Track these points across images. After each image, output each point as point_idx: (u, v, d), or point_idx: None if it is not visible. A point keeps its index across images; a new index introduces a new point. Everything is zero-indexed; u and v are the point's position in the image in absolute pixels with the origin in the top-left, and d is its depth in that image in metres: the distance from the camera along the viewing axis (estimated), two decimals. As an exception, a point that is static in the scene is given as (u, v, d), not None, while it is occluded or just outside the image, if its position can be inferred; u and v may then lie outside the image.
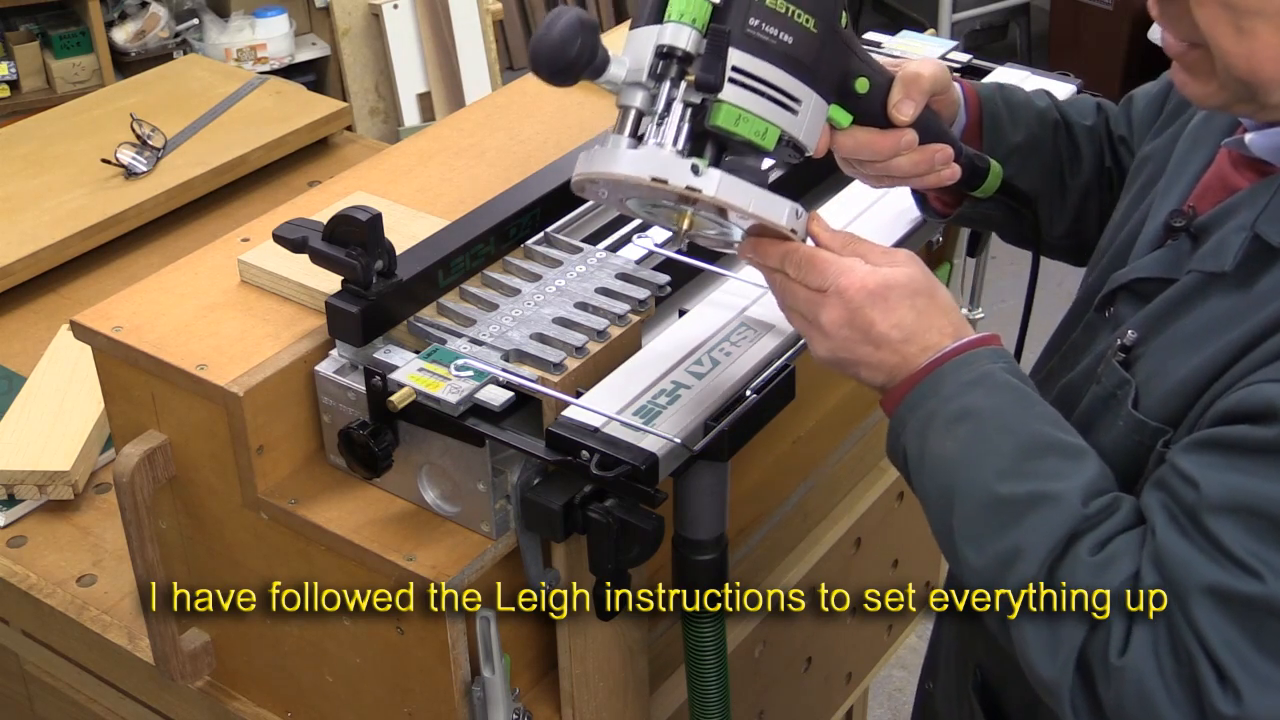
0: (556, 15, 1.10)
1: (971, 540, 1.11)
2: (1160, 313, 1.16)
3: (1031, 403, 1.15)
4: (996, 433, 1.12)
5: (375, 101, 4.44)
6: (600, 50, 1.09)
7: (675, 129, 1.11)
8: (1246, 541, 1.01)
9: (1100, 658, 1.06)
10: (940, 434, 1.14)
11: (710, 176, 1.10)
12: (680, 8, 1.10)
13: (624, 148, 1.11)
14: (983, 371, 1.14)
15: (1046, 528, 1.08)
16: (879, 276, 1.15)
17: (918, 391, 1.15)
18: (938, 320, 1.16)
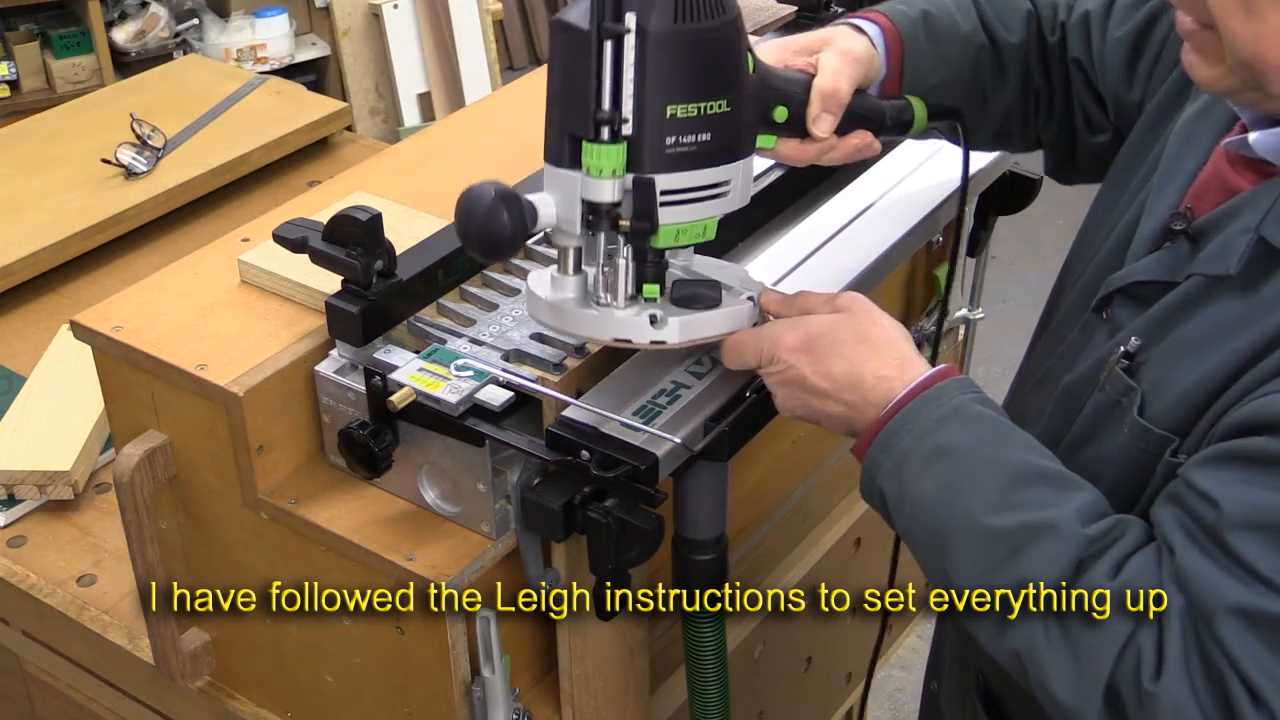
0: (475, 199, 1.12)
1: (972, 580, 1.09)
2: (1163, 318, 1.15)
3: (1008, 432, 1.13)
4: (977, 467, 1.11)
5: (375, 101, 4.44)
6: (528, 215, 1.12)
7: (622, 280, 1.17)
8: (1273, 560, 0.99)
9: (1132, 684, 1.03)
10: (917, 474, 1.12)
11: (671, 327, 1.18)
12: (598, 163, 1.11)
13: (572, 290, 1.18)
14: (954, 405, 1.13)
15: (1051, 556, 1.06)
16: (800, 331, 1.18)
17: (887, 432, 1.14)
18: (872, 363, 1.16)
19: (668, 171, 1.13)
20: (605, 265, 1.17)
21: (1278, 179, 1.10)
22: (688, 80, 1.10)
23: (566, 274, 1.19)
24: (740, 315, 1.22)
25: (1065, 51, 1.41)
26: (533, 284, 1.22)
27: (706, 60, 1.12)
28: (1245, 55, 1.04)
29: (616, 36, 1.08)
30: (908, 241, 1.55)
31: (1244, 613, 0.99)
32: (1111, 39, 1.36)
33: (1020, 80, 1.42)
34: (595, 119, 1.10)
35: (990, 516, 1.08)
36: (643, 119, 1.11)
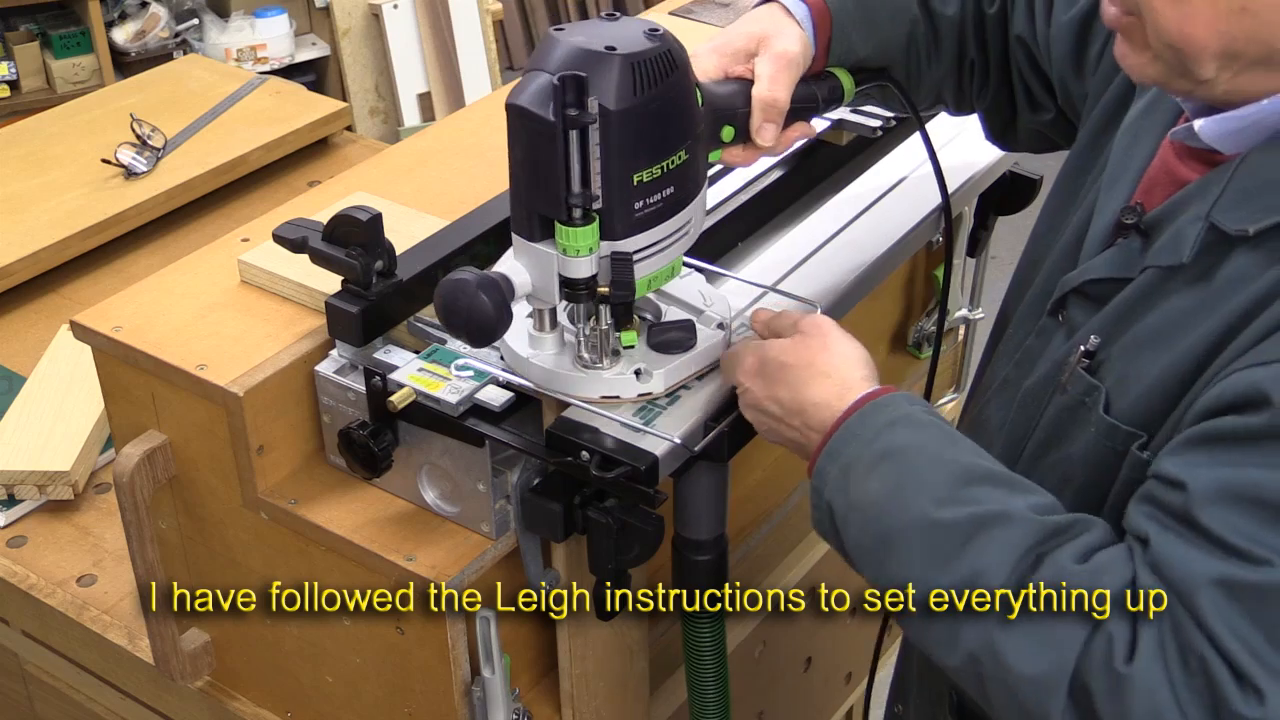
0: (456, 290, 1.14)
1: (923, 579, 1.06)
2: (1119, 313, 1.13)
3: (957, 438, 1.12)
4: (925, 467, 1.09)
5: (375, 101, 4.44)
6: (508, 294, 1.15)
7: (603, 344, 1.21)
8: (1248, 529, 0.97)
9: (1102, 669, 1.00)
10: (863, 477, 1.11)
11: (656, 379, 1.22)
12: (574, 244, 1.13)
13: (552, 348, 1.23)
14: (901, 413, 1.13)
15: (1003, 543, 1.04)
16: (756, 356, 1.21)
17: (833, 444, 1.13)
18: (813, 389, 1.17)
19: (637, 233, 1.16)
20: (586, 328, 1.20)
21: (1224, 166, 1.08)
22: (651, 146, 1.12)
23: (544, 332, 1.22)
24: (715, 348, 1.26)
25: (1006, 26, 1.39)
26: (511, 342, 1.24)
27: (666, 121, 1.13)
28: (1172, 38, 1.03)
29: (581, 126, 1.09)
30: (906, 242, 1.55)
31: (1222, 584, 0.97)
32: (1058, 22, 1.34)
33: (955, 51, 1.41)
34: (567, 203, 1.12)
35: (939, 511, 1.06)
36: (611, 192, 1.12)
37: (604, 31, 1.13)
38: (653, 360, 1.22)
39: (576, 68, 1.09)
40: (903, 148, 1.69)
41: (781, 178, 1.60)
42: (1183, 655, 0.98)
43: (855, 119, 1.64)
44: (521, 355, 1.23)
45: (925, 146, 1.40)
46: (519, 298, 1.17)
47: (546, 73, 1.10)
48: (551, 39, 1.13)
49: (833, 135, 1.66)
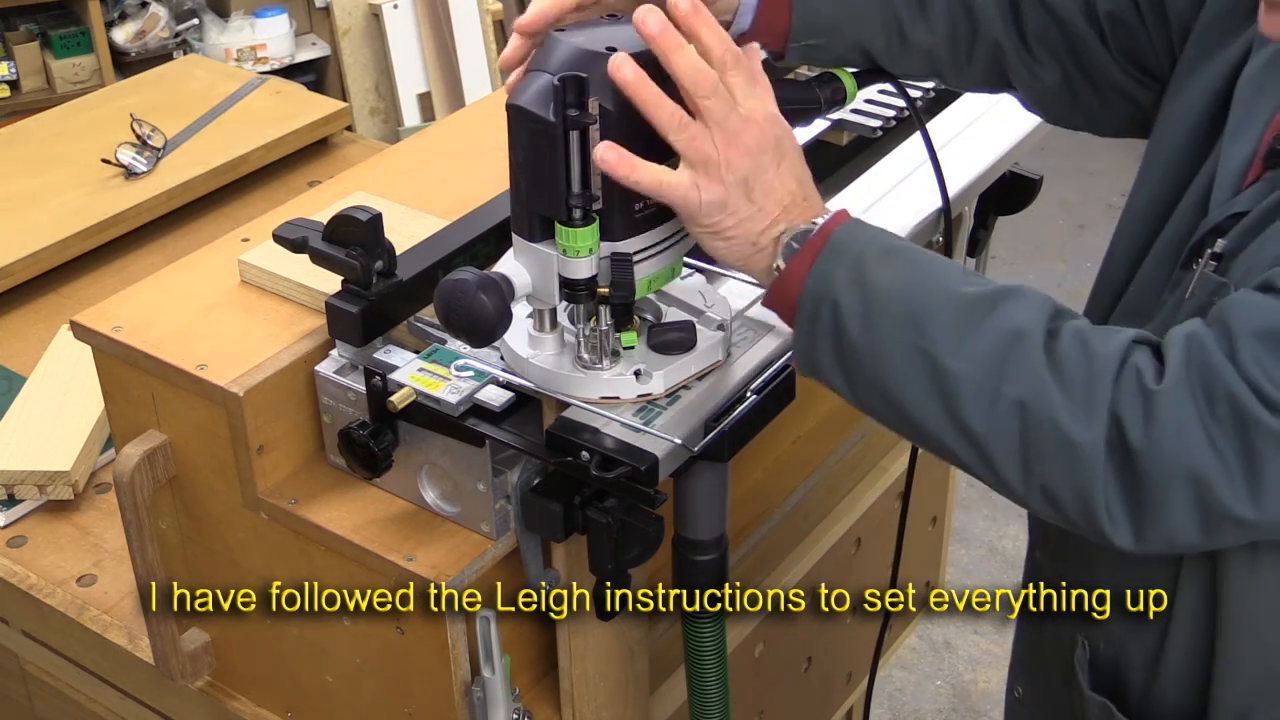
0: (456, 290, 1.14)
1: (959, 346, 1.06)
2: (1252, 224, 1.13)
3: None
4: (933, 259, 1.11)
5: (375, 101, 4.44)
6: (508, 294, 1.15)
7: (603, 344, 1.20)
8: None
9: (1134, 394, 1.01)
10: (879, 268, 1.09)
11: (656, 380, 1.21)
12: (574, 244, 1.13)
13: (551, 348, 1.22)
14: (882, 228, 1.14)
15: (1032, 306, 1.06)
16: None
17: (835, 241, 1.11)
18: (786, 183, 1.15)
19: (638, 234, 1.15)
20: (586, 329, 1.20)
21: None
22: (652, 147, 1.11)
23: (544, 332, 1.22)
24: (715, 348, 1.25)
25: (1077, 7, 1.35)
26: (511, 342, 1.24)
27: None
28: None
29: (582, 127, 1.09)
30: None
31: (1267, 335, 1.00)
32: None
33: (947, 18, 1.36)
34: (567, 203, 1.12)
35: (962, 286, 1.08)
36: (612, 193, 1.12)
37: (604, 32, 1.13)
38: (653, 361, 1.22)
39: (577, 68, 1.09)
40: (903, 148, 1.69)
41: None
42: (1207, 390, 1.00)
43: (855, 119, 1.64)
44: (521, 355, 1.23)
45: (925, 146, 1.40)
46: (519, 298, 1.17)
47: (547, 73, 1.10)
48: (552, 39, 1.13)
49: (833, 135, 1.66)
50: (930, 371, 1.06)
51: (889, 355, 1.08)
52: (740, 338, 1.31)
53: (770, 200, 1.12)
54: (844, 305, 1.09)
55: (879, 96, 1.68)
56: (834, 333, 1.10)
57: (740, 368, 1.27)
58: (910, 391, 1.08)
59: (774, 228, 1.13)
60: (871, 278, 1.09)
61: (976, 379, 1.05)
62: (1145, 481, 1.03)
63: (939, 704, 2.94)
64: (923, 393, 1.07)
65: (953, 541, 2.26)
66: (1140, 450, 1.02)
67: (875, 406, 1.12)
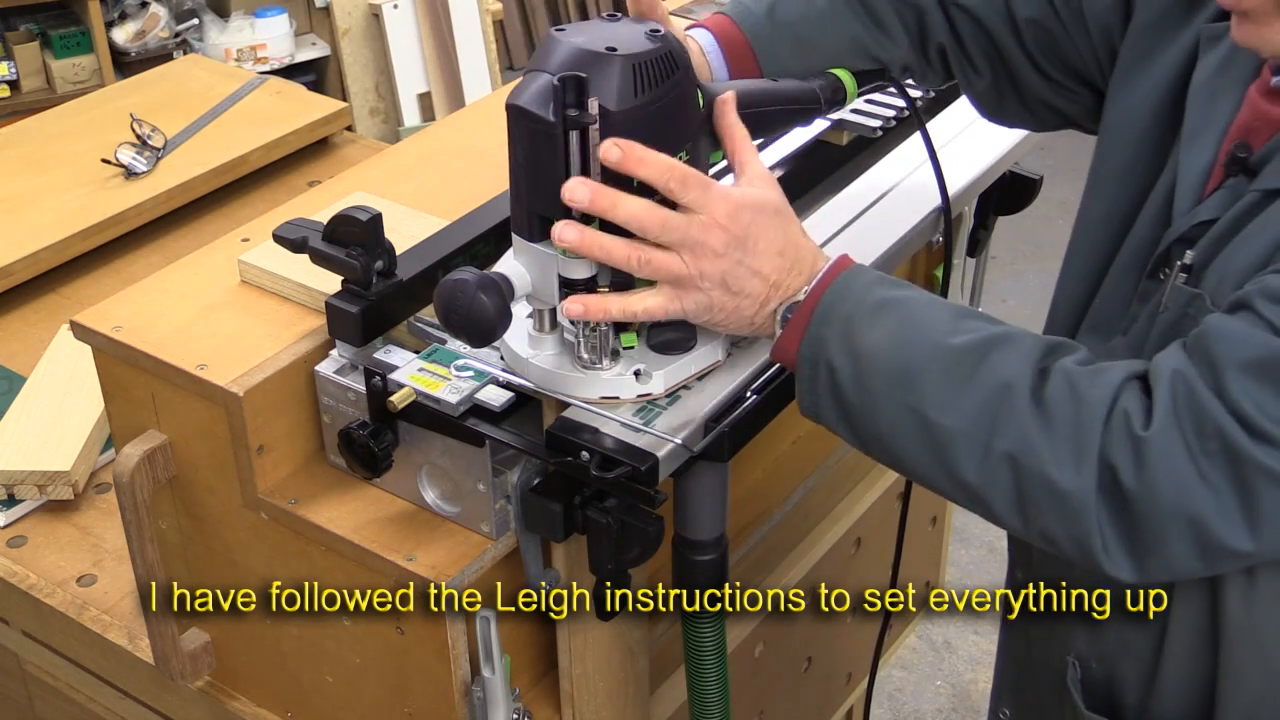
0: (456, 290, 1.14)
1: (949, 402, 1.07)
2: (1221, 233, 1.15)
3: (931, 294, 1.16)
4: (923, 309, 1.12)
5: (375, 101, 4.44)
6: (507, 294, 1.15)
7: (603, 343, 1.20)
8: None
9: (1123, 441, 1.03)
10: (867, 327, 1.11)
11: (655, 380, 1.21)
12: None
13: (551, 348, 1.22)
14: (875, 275, 1.15)
15: (1018, 355, 1.07)
16: (750, 196, 1.15)
17: (823, 307, 1.13)
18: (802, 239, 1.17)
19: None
20: (585, 329, 1.19)
21: None
22: (652, 147, 1.11)
23: (544, 332, 1.22)
24: (715, 348, 1.25)
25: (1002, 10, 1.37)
26: (511, 342, 1.23)
27: (666, 122, 1.13)
28: None
29: (582, 127, 1.09)
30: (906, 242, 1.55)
31: (1252, 365, 1.01)
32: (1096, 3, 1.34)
33: (915, 34, 1.40)
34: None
35: (953, 337, 1.09)
36: None
37: (605, 32, 1.13)
38: (652, 361, 1.22)
39: (577, 68, 1.09)
40: (903, 148, 1.69)
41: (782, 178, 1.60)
42: (1198, 426, 1.01)
43: (855, 119, 1.64)
44: (521, 355, 1.23)
45: (925, 146, 1.40)
46: (519, 298, 1.17)
47: (547, 73, 1.10)
48: (552, 39, 1.13)
49: (833, 135, 1.66)
50: (922, 429, 1.09)
51: (883, 414, 1.11)
52: (740, 338, 1.31)
53: (754, 284, 1.15)
54: (838, 368, 1.12)
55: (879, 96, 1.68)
56: (832, 392, 1.13)
57: (740, 368, 1.27)
58: (905, 447, 1.11)
59: (767, 306, 1.16)
60: (860, 339, 1.11)
61: (967, 434, 1.07)
62: (1142, 523, 1.04)
63: (939, 704, 2.93)
64: (917, 449, 1.10)
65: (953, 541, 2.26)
66: (1134, 495, 1.03)
67: (878, 456, 1.15)
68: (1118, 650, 1.30)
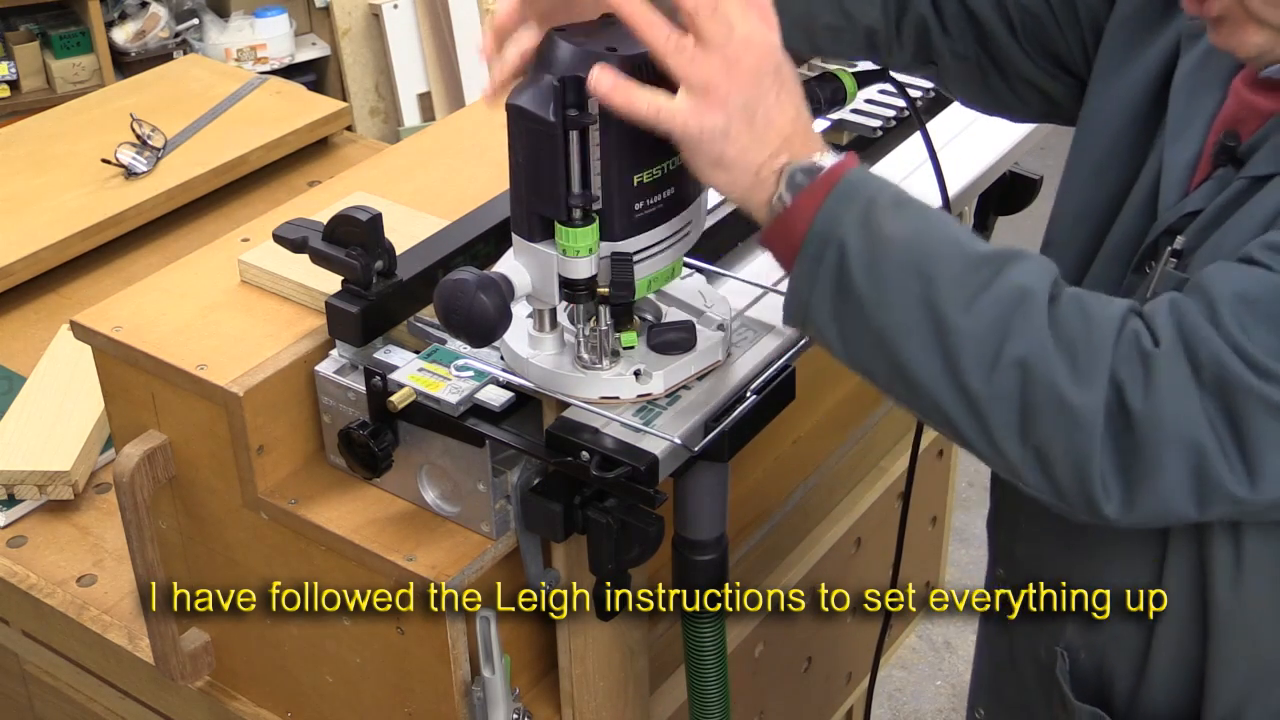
0: (456, 291, 1.13)
1: (967, 300, 1.03)
2: (1209, 220, 1.14)
3: None
4: (944, 216, 1.09)
5: (375, 101, 4.44)
6: (507, 294, 1.14)
7: (603, 344, 1.20)
8: None
9: (1133, 357, 1.01)
10: (889, 215, 1.06)
11: (656, 380, 1.21)
12: (574, 244, 1.13)
13: (551, 348, 1.22)
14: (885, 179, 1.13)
15: (1038, 268, 1.05)
16: None
17: (846, 184, 1.07)
18: (794, 116, 1.11)
19: (637, 234, 1.15)
20: (586, 329, 1.19)
21: None
22: (651, 147, 1.11)
23: (544, 332, 1.22)
24: (715, 348, 1.25)
25: None
26: (511, 342, 1.23)
27: None
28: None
29: (582, 127, 1.09)
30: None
31: (1244, 297, 1.00)
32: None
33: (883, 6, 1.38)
34: (567, 203, 1.12)
35: (971, 244, 1.06)
36: (612, 194, 1.12)
37: (605, 32, 1.13)
38: (652, 361, 1.22)
39: (577, 69, 1.09)
40: (903, 148, 1.69)
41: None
42: (1193, 353, 1.01)
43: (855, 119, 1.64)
44: (521, 355, 1.23)
45: (925, 146, 1.40)
46: (519, 298, 1.17)
47: (547, 74, 1.10)
48: (552, 40, 1.13)
49: (833, 135, 1.66)
50: (935, 325, 1.04)
51: (893, 306, 1.05)
52: (740, 338, 1.31)
53: (772, 129, 1.08)
54: (851, 249, 1.05)
55: (879, 96, 1.68)
56: (836, 277, 1.06)
57: (740, 368, 1.27)
58: (911, 346, 1.05)
59: (777, 158, 1.08)
60: (882, 224, 1.05)
61: (980, 336, 1.03)
62: (1142, 447, 1.02)
63: (939, 704, 2.94)
64: (924, 348, 1.04)
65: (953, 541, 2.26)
66: (1139, 415, 1.01)
67: (866, 360, 1.09)
68: (1107, 640, 1.30)
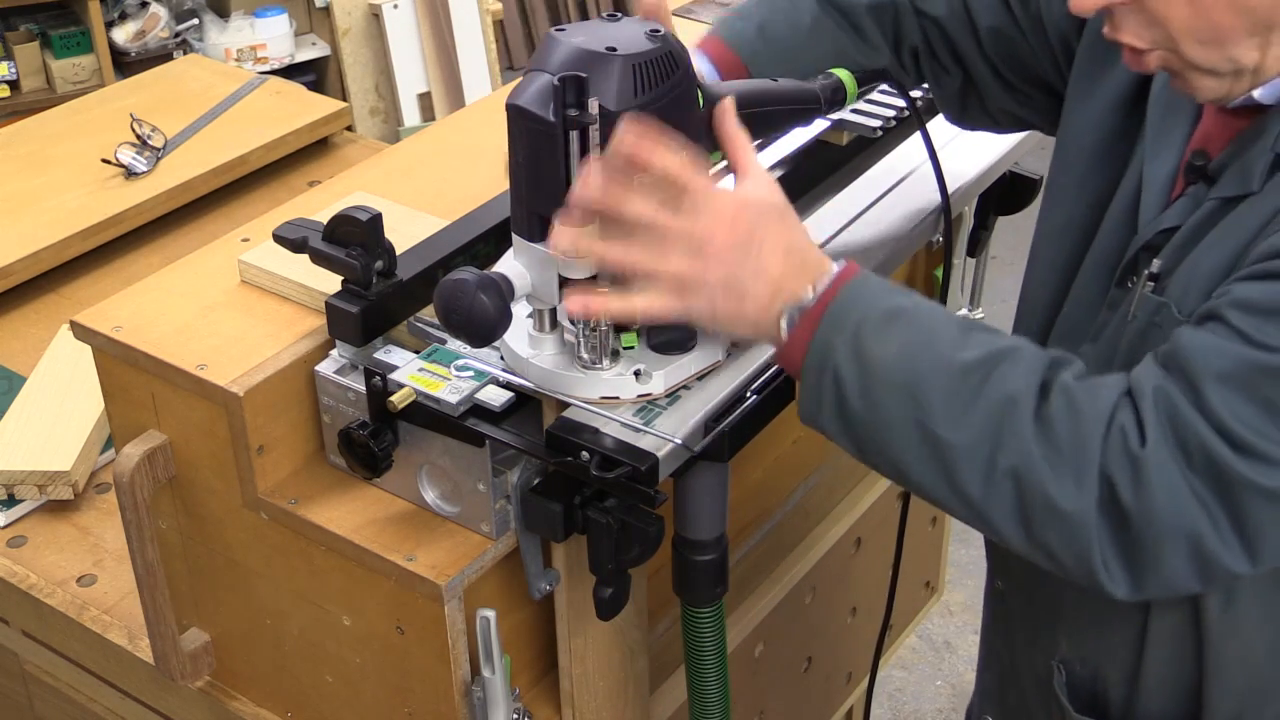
0: (456, 290, 1.13)
1: (956, 416, 1.07)
2: (1183, 240, 1.16)
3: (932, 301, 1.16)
4: (932, 321, 1.11)
5: (375, 101, 4.44)
6: (507, 294, 1.15)
7: (603, 344, 1.20)
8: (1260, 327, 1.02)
9: (1121, 456, 1.03)
10: (876, 337, 1.10)
11: (655, 380, 1.20)
12: None
13: (551, 348, 1.22)
14: (883, 282, 1.14)
15: (1024, 368, 1.07)
16: (752, 194, 1.13)
17: (834, 312, 1.11)
18: (777, 261, 1.13)
19: None
20: (586, 329, 1.19)
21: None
22: None
23: (544, 332, 1.22)
24: (715, 348, 1.25)
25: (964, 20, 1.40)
26: (511, 342, 1.23)
27: (667, 122, 1.13)
28: (1204, 36, 1.07)
29: (582, 127, 1.09)
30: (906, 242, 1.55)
31: (1226, 375, 1.02)
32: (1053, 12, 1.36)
33: (890, 38, 1.43)
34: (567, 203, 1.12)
35: (961, 352, 1.08)
36: None
37: (605, 32, 1.13)
38: (652, 361, 1.22)
39: (577, 68, 1.09)
40: (903, 148, 1.69)
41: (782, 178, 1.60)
42: (1183, 440, 1.03)
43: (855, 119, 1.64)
44: (521, 355, 1.23)
45: (925, 146, 1.40)
46: (519, 298, 1.17)
47: (547, 73, 1.10)
48: (552, 39, 1.13)
49: (833, 135, 1.66)
50: (928, 443, 1.08)
51: (888, 425, 1.10)
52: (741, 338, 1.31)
53: (759, 284, 1.12)
54: (844, 376, 1.11)
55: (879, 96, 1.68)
56: (836, 403, 1.12)
57: (740, 368, 1.27)
58: (909, 460, 1.10)
59: (772, 307, 1.13)
60: (869, 349, 1.10)
61: (972, 450, 1.07)
62: (1140, 541, 1.05)
63: (939, 704, 2.94)
64: (922, 462, 1.09)
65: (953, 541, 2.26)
66: (1133, 512, 1.04)
67: (880, 468, 1.15)
68: (1100, 651, 1.31)
